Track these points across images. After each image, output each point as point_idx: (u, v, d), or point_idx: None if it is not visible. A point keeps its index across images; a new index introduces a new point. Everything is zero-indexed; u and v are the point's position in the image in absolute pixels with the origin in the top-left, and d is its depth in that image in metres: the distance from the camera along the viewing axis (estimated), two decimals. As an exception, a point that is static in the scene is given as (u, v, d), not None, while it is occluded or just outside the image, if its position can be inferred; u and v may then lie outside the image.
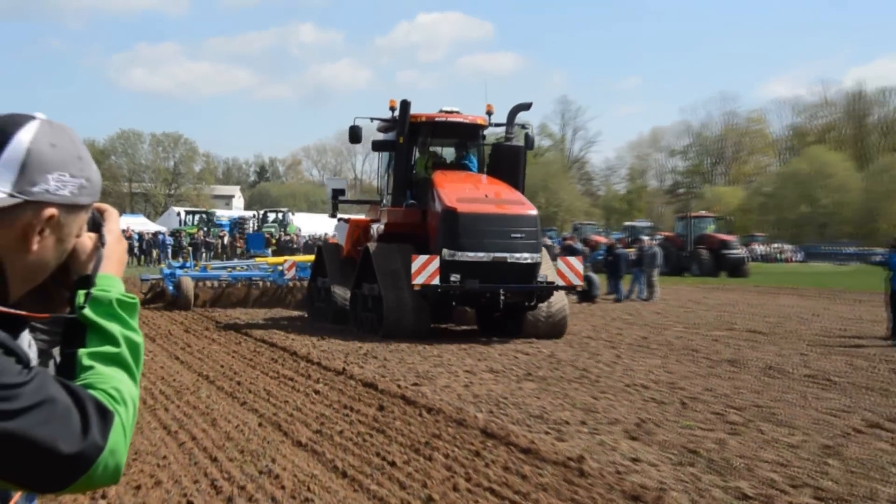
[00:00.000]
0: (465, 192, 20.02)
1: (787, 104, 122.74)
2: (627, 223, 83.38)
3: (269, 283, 28.63)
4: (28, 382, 1.85)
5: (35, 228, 2.04)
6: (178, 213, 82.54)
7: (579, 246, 43.99)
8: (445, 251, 18.38)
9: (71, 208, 2.12)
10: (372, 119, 22.92)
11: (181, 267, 29.08)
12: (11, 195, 1.98)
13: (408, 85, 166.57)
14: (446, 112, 21.92)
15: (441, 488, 8.94)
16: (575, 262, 20.43)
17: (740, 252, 61.30)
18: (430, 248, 19.66)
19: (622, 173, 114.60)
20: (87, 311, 2.12)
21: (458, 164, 22.57)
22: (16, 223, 2.02)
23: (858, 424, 12.14)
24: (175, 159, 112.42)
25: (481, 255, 18.39)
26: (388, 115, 22.69)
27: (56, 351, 2.20)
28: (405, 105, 20.99)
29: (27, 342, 2.10)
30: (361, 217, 24.49)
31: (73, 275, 2.23)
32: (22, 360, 1.91)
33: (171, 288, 26.90)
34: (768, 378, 16.27)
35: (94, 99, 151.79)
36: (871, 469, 9.80)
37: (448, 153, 23.61)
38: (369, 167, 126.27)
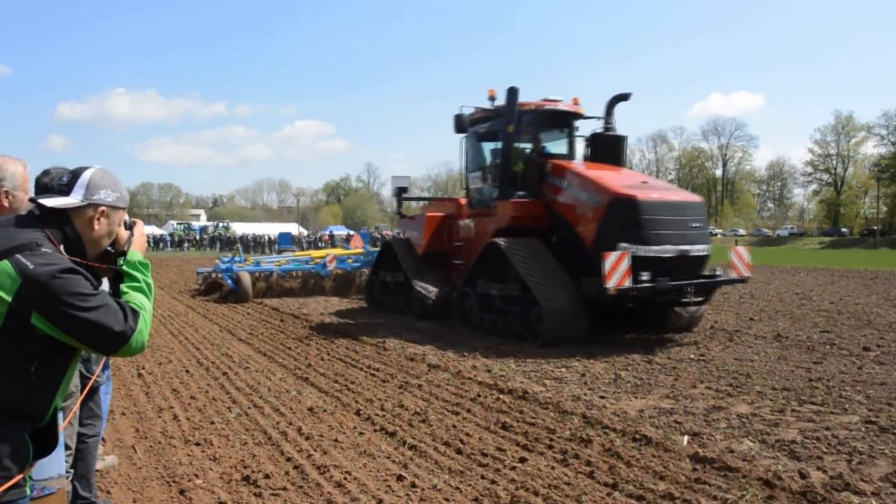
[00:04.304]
0: (618, 178, 10.50)
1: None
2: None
3: (301, 274, 17.79)
4: (96, 295, 1.99)
5: (95, 217, 2.21)
6: (173, 224, 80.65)
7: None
8: (625, 246, 9.22)
9: (113, 208, 2.26)
10: (476, 108, 12.22)
11: (230, 261, 17.52)
12: (83, 200, 2.16)
13: (291, 158, 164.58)
14: (552, 100, 11.91)
15: (315, 359, 8.89)
16: (744, 252, 10.60)
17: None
18: (582, 243, 10.02)
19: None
20: (124, 267, 2.28)
21: (546, 154, 11.94)
22: (86, 215, 2.19)
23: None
24: (170, 196, 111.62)
25: (667, 249, 9.48)
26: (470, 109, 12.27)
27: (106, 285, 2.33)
28: (513, 93, 11.09)
29: (104, 284, 2.33)
30: (438, 213, 13.70)
31: (118, 250, 2.34)
32: (93, 283, 2.03)
33: (230, 282, 16.52)
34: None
35: (129, 167, 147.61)
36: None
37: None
38: (272, 198, 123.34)
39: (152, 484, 4.59)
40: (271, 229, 72.54)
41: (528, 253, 10.23)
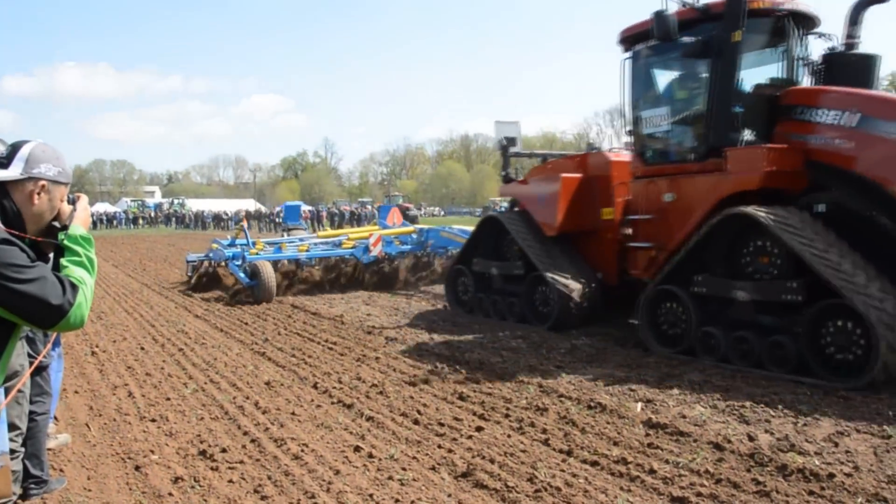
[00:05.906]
0: None
1: (434, 141, 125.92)
2: (360, 199, 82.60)
3: (319, 261, 13.36)
4: (34, 267, 1.98)
5: (35, 192, 2.21)
6: (126, 201, 79.08)
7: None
8: None
9: (54, 183, 2.26)
10: (684, 4, 7.15)
11: (233, 244, 13.14)
12: (22, 174, 2.16)
13: (248, 134, 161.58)
14: None
15: (272, 333, 8.84)
16: None
17: (415, 212, 62.48)
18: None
19: (356, 175, 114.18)
20: (65, 241, 2.23)
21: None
22: (26, 189, 2.19)
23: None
24: (124, 173, 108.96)
25: None
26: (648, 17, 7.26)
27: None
28: None
29: (49, 262, 2.27)
30: (574, 174, 8.92)
31: (60, 224, 2.31)
32: (30, 256, 2.02)
33: (243, 276, 11.80)
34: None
35: (80, 141, 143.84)
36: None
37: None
38: (229, 174, 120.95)
39: (107, 461, 4.52)
40: (228, 206, 71.25)
41: (817, 234, 6.14)
